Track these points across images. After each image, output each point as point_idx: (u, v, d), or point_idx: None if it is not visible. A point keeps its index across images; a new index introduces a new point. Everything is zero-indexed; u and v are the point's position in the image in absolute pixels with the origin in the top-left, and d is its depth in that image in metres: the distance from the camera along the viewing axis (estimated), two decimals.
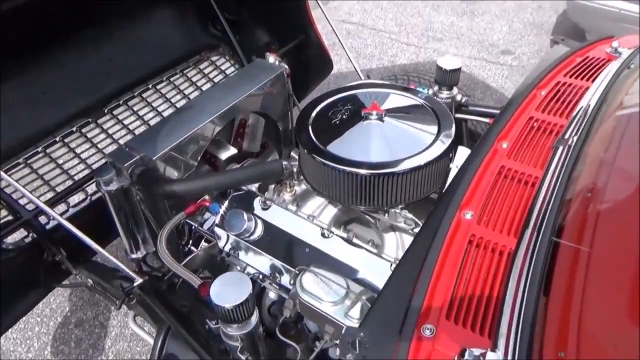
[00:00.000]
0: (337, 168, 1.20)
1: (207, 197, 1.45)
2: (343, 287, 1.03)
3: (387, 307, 0.82)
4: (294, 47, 2.42)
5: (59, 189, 1.76)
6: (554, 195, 0.88)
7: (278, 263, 1.30)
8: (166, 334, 1.34)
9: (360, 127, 1.27)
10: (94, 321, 2.04)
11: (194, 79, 2.26)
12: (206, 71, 2.31)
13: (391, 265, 1.22)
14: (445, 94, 1.70)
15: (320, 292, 1.03)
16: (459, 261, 0.84)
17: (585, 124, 1.03)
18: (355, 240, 1.36)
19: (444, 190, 1.13)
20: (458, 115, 1.75)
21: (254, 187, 1.49)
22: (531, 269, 0.76)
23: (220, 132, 1.62)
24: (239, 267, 1.45)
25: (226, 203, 1.40)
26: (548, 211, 0.84)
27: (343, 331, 0.77)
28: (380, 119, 1.27)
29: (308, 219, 1.40)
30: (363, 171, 1.17)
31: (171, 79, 2.22)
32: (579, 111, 1.10)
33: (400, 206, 1.24)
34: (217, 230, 1.38)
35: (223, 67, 2.36)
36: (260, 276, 1.35)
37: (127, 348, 1.93)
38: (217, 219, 1.39)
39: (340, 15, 4.48)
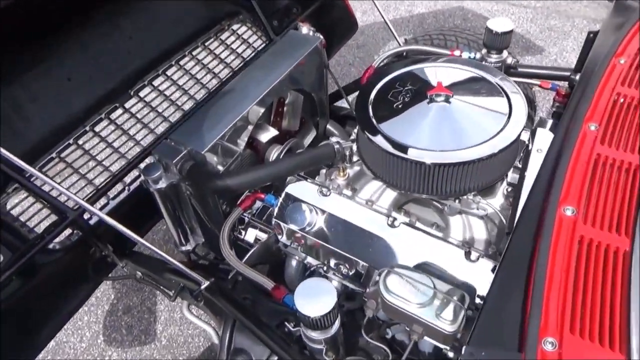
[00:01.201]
0: (403, 157, 1.14)
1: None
2: (430, 287, 1.00)
3: (498, 319, 0.78)
4: (317, 9, 2.28)
5: (97, 182, 1.70)
6: None
7: (342, 254, 1.26)
8: (232, 328, 1.33)
9: (426, 110, 1.19)
10: (141, 307, 2.05)
11: (217, 52, 2.13)
12: (229, 42, 2.18)
13: (466, 254, 1.18)
14: (494, 57, 1.61)
15: (407, 293, 1.00)
16: (571, 265, 0.79)
17: None
18: (418, 225, 1.32)
19: (523, 179, 1.08)
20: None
21: None
22: None
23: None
24: (296, 258, 1.42)
25: (283, 194, 1.34)
26: None
27: (463, 351, 0.74)
28: (447, 100, 1.19)
29: (368, 204, 1.35)
30: (431, 160, 1.11)
31: (193, 53, 2.10)
32: None
33: (473, 192, 1.18)
34: (277, 223, 1.34)
35: (246, 37, 2.22)
36: (325, 268, 1.32)
37: (178, 332, 1.94)
38: (275, 211, 1.34)
39: None
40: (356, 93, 2.19)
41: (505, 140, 1.09)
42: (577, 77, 1.27)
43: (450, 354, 1.01)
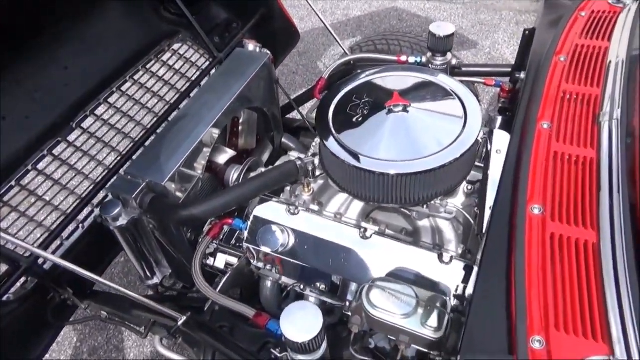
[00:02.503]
0: (367, 170, 1.15)
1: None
2: (412, 297, 1.02)
3: (485, 323, 0.81)
4: (257, 22, 2.27)
5: (48, 222, 1.61)
6: (619, 177, 0.88)
7: (318, 271, 1.26)
8: (213, 358, 1.30)
9: (385, 122, 1.21)
10: (108, 346, 1.95)
11: (160, 74, 2.07)
12: (171, 62, 2.12)
13: (439, 257, 1.21)
14: (439, 60, 1.66)
15: (390, 306, 1.01)
16: (546, 262, 0.83)
17: (622, 91, 1.03)
18: (388, 232, 1.35)
19: (485, 178, 1.12)
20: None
21: None
22: (624, 261, 0.77)
23: None
24: (271, 279, 1.40)
25: (251, 217, 1.32)
26: (620, 194, 0.84)
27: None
28: (405, 110, 1.21)
29: (337, 218, 1.36)
30: (395, 171, 1.13)
31: (135, 78, 2.02)
32: (607, 77, 1.09)
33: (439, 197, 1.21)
34: (248, 247, 1.31)
35: (188, 56, 2.17)
36: (301, 286, 1.32)
37: None
38: (245, 235, 1.32)
39: None
40: (308, 103, 2.20)
41: (465, 145, 1.12)
42: (522, 75, 1.34)
43: (438, 359, 1.03)
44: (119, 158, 1.71)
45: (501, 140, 1.18)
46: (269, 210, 1.33)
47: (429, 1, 3.68)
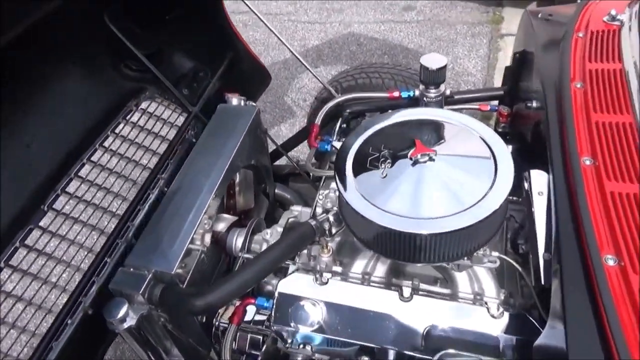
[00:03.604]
0: (397, 231, 1.06)
1: None
2: None
3: None
4: (227, 69, 2.15)
5: (32, 325, 1.42)
6: None
7: (361, 345, 1.15)
8: None
9: (412, 175, 1.13)
10: None
11: (131, 137, 1.90)
12: (141, 123, 1.96)
13: (488, 310, 1.13)
14: (433, 92, 1.61)
15: None
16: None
17: None
18: (423, 287, 1.26)
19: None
20: (447, 108, 1.67)
21: None
22: None
23: None
24: (301, 355, 1.27)
25: (276, 295, 1.20)
26: None
27: None
28: (431, 159, 1.13)
29: (365, 278, 1.26)
30: (429, 231, 1.04)
31: (105, 145, 1.85)
32: (633, 101, 1.06)
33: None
34: (277, 328, 1.19)
35: (158, 113, 2.01)
36: None
37: None
38: (273, 316, 1.19)
39: (228, 6, 4.12)
40: (296, 148, 2.11)
41: (501, 193, 1.05)
42: (534, 104, 1.29)
43: None
44: (104, 240, 1.54)
45: (540, 180, 1.12)
46: (294, 283, 1.21)
47: (383, 23, 3.69)
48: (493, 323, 1.11)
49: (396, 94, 1.66)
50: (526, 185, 1.13)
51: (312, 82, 3.33)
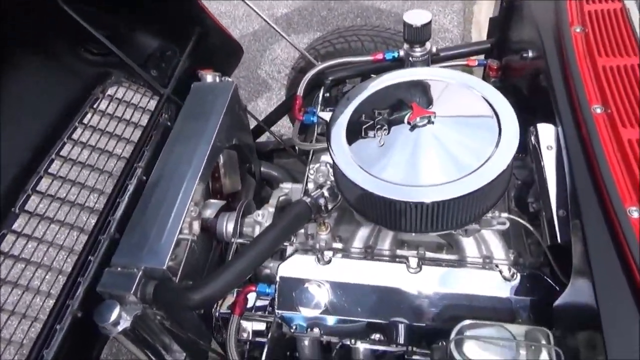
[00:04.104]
0: (401, 202, 0.99)
1: None
2: (511, 339, 0.88)
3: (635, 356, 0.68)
4: (195, 45, 2.02)
5: (18, 337, 1.33)
6: None
7: (372, 322, 1.10)
8: None
9: (411, 140, 1.05)
10: None
11: (101, 126, 1.78)
12: (110, 110, 1.83)
13: (500, 272, 1.09)
14: (418, 51, 1.52)
15: (490, 356, 0.87)
16: None
17: None
18: (429, 255, 1.21)
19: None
20: (435, 66, 1.60)
21: None
22: None
23: None
24: (309, 338, 1.22)
25: (278, 279, 1.13)
26: None
27: None
28: (430, 121, 1.06)
29: (368, 252, 1.20)
30: (432, 199, 0.97)
31: (74, 137, 1.72)
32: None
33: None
34: (282, 314, 1.13)
35: (127, 98, 1.89)
36: (352, 341, 1.15)
37: None
38: (276, 302, 1.13)
39: None
40: (279, 122, 2.01)
41: (508, 152, 0.99)
42: (530, 54, 1.23)
43: None
44: (85, 238, 1.44)
45: (548, 134, 1.06)
46: (295, 266, 1.14)
47: None
48: (506, 286, 1.07)
49: (380, 56, 1.57)
50: (533, 140, 1.08)
51: (285, 53, 3.19)
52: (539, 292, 1.06)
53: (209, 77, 1.49)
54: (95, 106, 1.80)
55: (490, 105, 1.08)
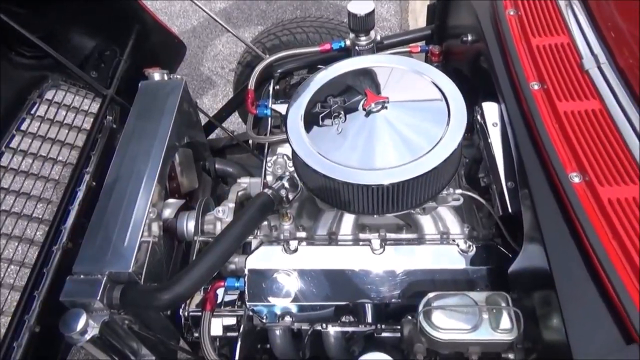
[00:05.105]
0: (362, 185, 1.03)
1: None
2: (473, 305, 0.94)
3: (583, 311, 0.75)
4: (136, 44, 1.96)
5: None
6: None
7: (341, 305, 1.14)
8: None
9: (366, 125, 1.09)
10: None
11: (41, 132, 1.70)
12: (50, 115, 1.75)
13: (458, 246, 1.15)
14: (364, 39, 1.57)
15: (455, 323, 0.92)
16: (619, 230, 0.79)
17: (594, 34, 1.02)
18: (390, 236, 1.26)
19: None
20: (381, 54, 1.65)
21: None
22: None
23: None
24: (280, 327, 1.24)
25: (246, 272, 1.14)
26: None
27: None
28: (384, 106, 1.10)
29: (332, 238, 1.24)
30: (389, 180, 1.02)
31: (12, 146, 1.64)
32: (566, 21, 1.08)
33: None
34: (252, 306, 1.14)
35: (67, 102, 1.81)
36: (323, 325, 1.18)
37: None
38: (246, 294, 1.14)
39: None
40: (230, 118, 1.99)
41: (458, 131, 1.05)
42: (469, 37, 1.29)
43: (511, 356, 0.97)
44: (37, 250, 1.38)
45: (492, 111, 1.13)
46: (263, 258, 1.16)
47: None
48: (464, 258, 1.13)
49: (327, 46, 1.60)
50: (479, 118, 1.14)
51: (227, 48, 3.15)
52: (494, 261, 1.13)
53: (157, 75, 1.46)
54: (32, 112, 1.72)
55: (439, 88, 1.13)
